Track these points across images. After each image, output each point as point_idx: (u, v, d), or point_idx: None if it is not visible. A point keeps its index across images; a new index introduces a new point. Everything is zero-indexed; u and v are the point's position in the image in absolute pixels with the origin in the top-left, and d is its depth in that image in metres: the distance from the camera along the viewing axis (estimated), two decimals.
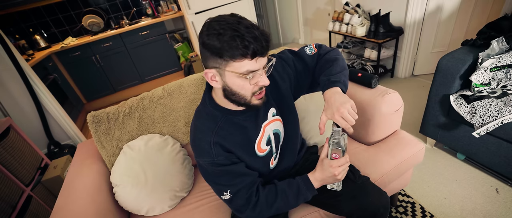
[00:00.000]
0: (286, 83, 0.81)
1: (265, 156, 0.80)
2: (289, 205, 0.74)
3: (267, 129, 0.78)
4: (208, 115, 0.73)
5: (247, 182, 0.72)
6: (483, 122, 1.08)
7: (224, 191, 0.71)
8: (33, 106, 1.97)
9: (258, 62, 0.60)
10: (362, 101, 1.06)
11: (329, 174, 0.69)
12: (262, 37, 0.57)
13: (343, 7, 2.36)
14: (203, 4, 2.51)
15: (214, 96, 0.73)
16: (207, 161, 0.70)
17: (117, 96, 3.23)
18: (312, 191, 0.73)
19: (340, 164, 0.68)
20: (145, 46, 3.04)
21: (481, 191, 1.23)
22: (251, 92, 0.65)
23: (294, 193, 0.73)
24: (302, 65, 0.82)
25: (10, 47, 1.78)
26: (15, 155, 1.50)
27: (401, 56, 2.23)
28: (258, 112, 0.76)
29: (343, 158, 0.68)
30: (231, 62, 0.59)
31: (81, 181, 0.94)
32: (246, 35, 0.56)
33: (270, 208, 0.72)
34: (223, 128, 0.72)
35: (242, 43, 0.55)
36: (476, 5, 1.82)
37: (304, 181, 0.73)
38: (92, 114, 1.01)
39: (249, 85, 0.63)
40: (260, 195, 0.72)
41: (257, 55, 0.58)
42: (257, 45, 0.57)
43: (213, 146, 0.69)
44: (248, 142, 0.75)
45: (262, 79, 0.63)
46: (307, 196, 0.74)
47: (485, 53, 1.13)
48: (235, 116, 0.73)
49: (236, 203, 0.72)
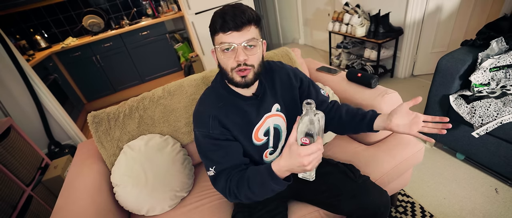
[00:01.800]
0: (296, 90, 0.85)
1: (260, 146, 0.81)
2: (256, 194, 0.67)
3: (268, 120, 0.80)
4: (215, 92, 0.80)
5: (232, 163, 0.72)
6: (482, 122, 1.09)
7: (210, 167, 0.73)
8: (33, 106, 1.97)
9: (232, 37, 0.65)
10: (362, 101, 1.06)
11: (296, 163, 0.56)
12: (239, 14, 0.64)
13: (343, 8, 2.36)
14: (203, 4, 2.51)
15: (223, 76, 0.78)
16: (203, 131, 0.74)
17: (117, 97, 3.23)
18: (277, 181, 0.62)
19: (309, 152, 0.55)
20: (145, 46, 3.04)
21: (480, 191, 1.23)
22: (230, 67, 0.69)
23: (258, 182, 0.65)
24: (315, 93, 0.88)
25: (10, 48, 1.78)
26: (16, 155, 1.50)
27: (400, 57, 2.23)
28: (262, 102, 0.79)
29: (314, 144, 0.55)
30: (214, 36, 0.69)
31: (81, 181, 0.94)
32: (226, 12, 0.64)
33: (240, 194, 0.68)
34: (226, 106, 0.76)
35: (219, 19, 0.65)
36: (476, 5, 1.83)
37: (267, 170, 0.63)
38: (92, 114, 1.02)
39: (226, 59, 0.68)
40: (232, 180, 0.69)
41: (229, 29, 0.64)
42: (228, 19, 0.63)
43: (211, 119, 0.74)
44: (247, 126, 0.78)
45: (237, 54, 0.67)
46: (273, 187, 0.63)
47: (484, 54, 1.13)
48: (239, 99, 0.77)
49: (219, 185, 0.73)
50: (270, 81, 0.83)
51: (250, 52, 0.68)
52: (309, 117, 0.56)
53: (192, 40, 2.97)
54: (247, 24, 0.65)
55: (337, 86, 1.19)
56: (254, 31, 0.68)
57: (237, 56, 0.67)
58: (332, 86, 1.21)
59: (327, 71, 1.30)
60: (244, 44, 0.66)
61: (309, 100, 0.56)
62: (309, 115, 0.56)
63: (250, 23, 0.66)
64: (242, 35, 0.66)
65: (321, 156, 0.57)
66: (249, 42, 0.67)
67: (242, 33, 0.65)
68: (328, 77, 1.27)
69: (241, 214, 0.83)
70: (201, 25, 2.58)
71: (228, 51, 0.67)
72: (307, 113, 0.56)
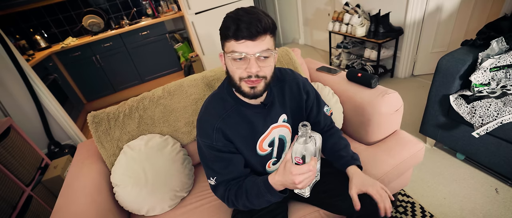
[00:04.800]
0: (303, 102, 0.84)
1: (264, 156, 0.81)
2: (254, 204, 0.70)
3: (274, 131, 0.79)
4: (221, 99, 0.76)
5: (233, 176, 0.74)
6: (482, 122, 1.08)
7: (211, 177, 0.74)
8: (33, 106, 1.97)
9: (246, 46, 0.61)
10: (362, 101, 1.06)
11: (289, 180, 0.60)
12: (254, 22, 0.58)
13: (343, 7, 2.36)
14: (203, 4, 2.51)
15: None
16: (206, 142, 0.73)
17: (117, 97, 3.23)
18: (273, 193, 0.66)
19: (300, 172, 0.58)
20: (145, 46, 3.04)
21: (480, 191, 1.23)
22: (239, 77, 0.66)
23: (255, 193, 0.68)
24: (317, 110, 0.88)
25: (10, 47, 1.78)
26: (16, 155, 1.50)
27: (401, 56, 2.23)
28: (269, 112, 0.78)
29: (306, 165, 0.58)
30: (225, 43, 0.64)
31: (81, 181, 0.94)
32: (240, 18, 0.59)
33: (238, 203, 0.72)
34: (231, 116, 0.74)
35: (231, 24, 0.60)
36: (476, 5, 1.82)
37: (264, 183, 0.67)
38: (92, 114, 1.02)
39: (235, 68, 0.64)
40: (231, 190, 0.73)
41: (242, 37, 0.60)
42: (243, 27, 0.58)
43: (215, 131, 0.72)
44: (252, 136, 0.77)
45: (249, 65, 0.62)
46: (269, 198, 0.67)
47: (484, 54, 1.13)
48: (245, 108, 0.75)
49: (218, 193, 0.75)
50: (280, 90, 0.81)
51: (263, 64, 0.64)
52: (304, 139, 0.58)
53: (192, 40, 2.97)
54: (262, 33, 0.60)
55: (337, 86, 1.19)
56: (269, 41, 0.63)
57: (250, 68, 0.62)
58: (332, 86, 1.20)
59: (327, 71, 1.30)
60: (257, 55, 0.61)
61: (305, 123, 0.58)
62: (304, 137, 0.58)
63: (266, 32, 0.61)
64: (257, 45, 0.61)
65: (313, 177, 0.60)
66: (263, 54, 0.62)
67: (256, 43, 0.60)
68: (328, 77, 1.27)
69: (241, 214, 0.83)
70: (201, 25, 2.57)
71: (239, 61, 0.63)
72: (302, 135, 0.58)
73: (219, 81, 1.11)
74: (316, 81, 1.30)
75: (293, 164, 0.60)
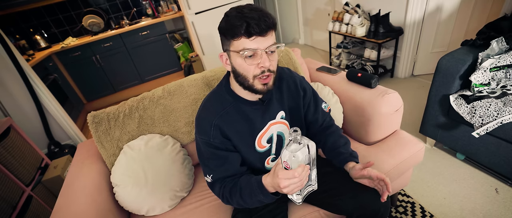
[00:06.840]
0: (300, 99, 0.85)
1: (263, 153, 0.82)
2: (247, 203, 0.71)
3: (272, 127, 0.80)
4: (219, 97, 0.77)
5: (228, 173, 0.75)
6: (482, 122, 1.08)
7: (208, 174, 0.75)
8: (33, 106, 1.97)
9: (257, 42, 0.62)
10: (362, 101, 1.06)
11: (276, 183, 0.60)
12: (262, 18, 0.60)
13: (343, 7, 2.36)
14: (203, 4, 2.51)
15: (231, 81, 0.76)
16: (204, 139, 0.74)
17: (117, 97, 3.23)
18: (266, 194, 0.66)
19: (286, 177, 0.56)
20: (145, 46, 3.04)
21: (480, 191, 1.23)
22: (252, 75, 0.66)
23: (248, 193, 0.69)
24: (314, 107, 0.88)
25: (10, 47, 1.78)
26: (16, 155, 1.50)
27: (401, 56, 2.23)
28: (268, 108, 0.79)
29: (291, 172, 0.56)
30: (233, 41, 0.64)
31: (81, 181, 0.94)
32: (247, 15, 0.60)
33: (232, 201, 0.73)
34: (229, 113, 0.75)
35: (240, 22, 0.60)
36: (476, 5, 1.83)
37: (258, 183, 0.67)
38: (92, 114, 1.02)
39: (248, 65, 0.65)
40: (226, 187, 0.73)
41: (253, 34, 0.61)
42: (253, 24, 0.59)
43: (213, 127, 0.73)
44: (250, 133, 0.77)
45: (263, 60, 0.64)
46: (261, 198, 0.67)
47: (484, 54, 1.13)
48: (244, 105, 0.76)
49: (214, 190, 0.76)
50: (277, 88, 0.82)
51: (272, 58, 0.66)
52: (294, 145, 0.56)
53: (192, 40, 2.97)
54: (271, 28, 0.63)
55: (337, 86, 1.19)
56: (274, 36, 0.66)
57: (263, 62, 0.64)
58: (332, 86, 1.20)
59: (327, 71, 1.30)
60: (268, 50, 0.64)
61: (295, 128, 0.57)
62: (294, 143, 0.56)
63: (272, 27, 0.63)
64: (266, 40, 0.63)
65: (300, 184, 0.58)
66: (272, 48, 0.64)
67: (266, 39, 0.63)
68: (328, 77, 1.27)
69: (241, 214, 0.83)
70: (201, 25, 2.57)
71: (250, 58, 0.64)
72: (293, 140, 0.57)
73: (219, 81, 1.11)
74: (316, 81, 1.30)
75: (282, 167, 0.59)
